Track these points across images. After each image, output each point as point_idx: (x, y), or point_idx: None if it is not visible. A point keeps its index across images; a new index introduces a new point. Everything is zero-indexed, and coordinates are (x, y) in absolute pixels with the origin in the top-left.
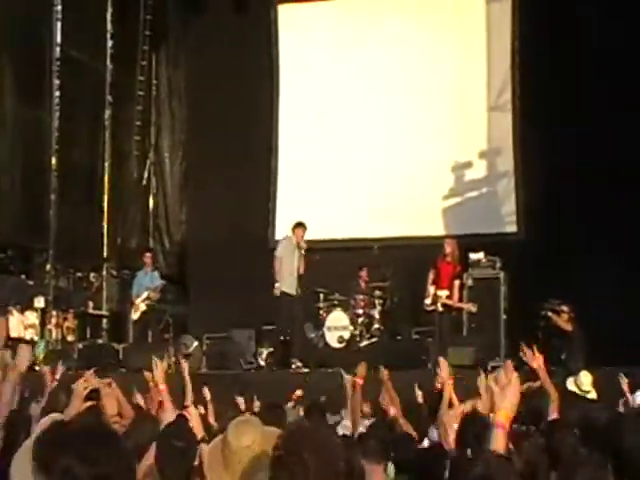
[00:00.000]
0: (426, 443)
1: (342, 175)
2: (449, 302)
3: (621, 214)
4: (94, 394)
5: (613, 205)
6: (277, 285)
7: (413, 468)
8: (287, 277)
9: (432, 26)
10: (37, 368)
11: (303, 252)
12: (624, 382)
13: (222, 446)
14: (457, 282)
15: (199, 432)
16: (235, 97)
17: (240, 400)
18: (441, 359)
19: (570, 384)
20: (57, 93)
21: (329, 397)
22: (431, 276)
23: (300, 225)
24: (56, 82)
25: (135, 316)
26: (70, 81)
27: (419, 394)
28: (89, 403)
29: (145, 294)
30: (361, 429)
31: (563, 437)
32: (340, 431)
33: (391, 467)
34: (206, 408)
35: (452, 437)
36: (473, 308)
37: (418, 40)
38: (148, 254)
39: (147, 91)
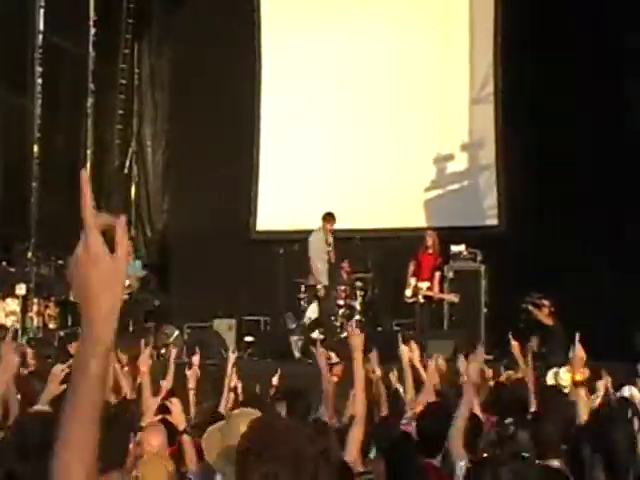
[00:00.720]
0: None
1: (325, 166)
2: (430, 293)
3: (603, 208)
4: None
5: (595, 199)
6: (319, 287)
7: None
8: (323, 271)
9: (415, 19)
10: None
11: (332, 241)
12: (607, 381)
13: (221, 435)
14: (438, 274)
15: (181, 423)
16: (218, 86)
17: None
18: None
19: (550, 378)
20: (39, 81)
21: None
22: (411, 267)
23: (330, 215)
24: (38, 69)
25: None
26: (52, 69)
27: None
28: (64, 386)
29: (126, 283)
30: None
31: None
32: None
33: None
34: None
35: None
36: (455, 298)
37: (401, 33)
38: (129, 242)
39: (130, 80)
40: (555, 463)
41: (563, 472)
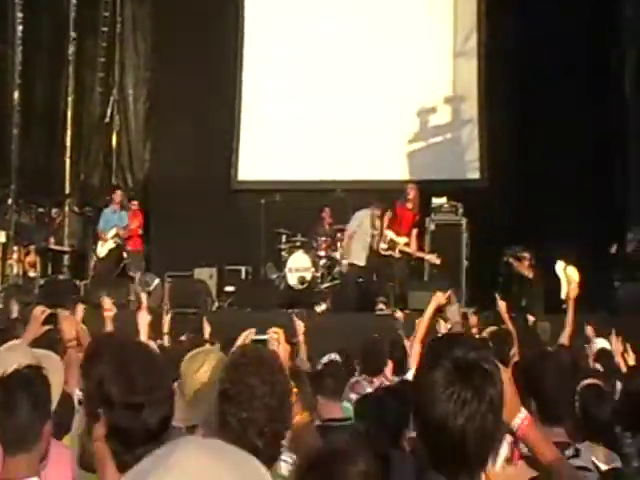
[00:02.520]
0: None
1: (306, 117)
2: (408, 250)
3: (585, 162)
4: (52, 318)
5: (577, 153)
6: (344, 262)
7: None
8: (360, 251)
9: None
10: None
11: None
12: (589, 328)
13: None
14: (415, 231)
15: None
16: (200, 35)
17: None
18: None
19: (559, 268)
20: (20, 27)
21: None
22: (387, 217)
23: (381, 205)
24: (19, 16)
25: (102, 253)
26: (33, 15)
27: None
28: (46, 327)
29: (113, 231)
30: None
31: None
32: None
33: (347, 405)
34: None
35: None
36: (436, 260)
37: None
38: (118, 192)
39: (111, 27)
40: None
41: None
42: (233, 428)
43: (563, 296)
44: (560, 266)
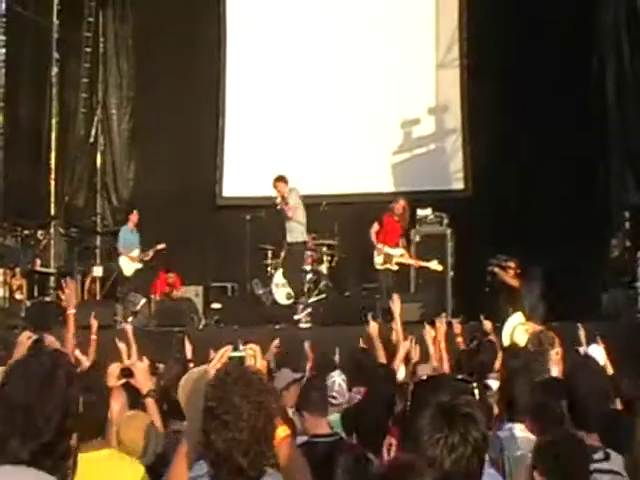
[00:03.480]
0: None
1: (290, 132)
2: (407, 261)
3: (569, 171)
4: (38, 344)
5: (561, 162)
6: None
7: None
8: (299, 227)
9: None
10: None
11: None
12: (582, 333)
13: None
14: (402, 241)
15: (146, 386)
16: (183, 54)
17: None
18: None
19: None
20: (3, 50)
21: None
22: (375, 229)
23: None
24: (2, 38)
25: (129, 272)
26: (16, 37)
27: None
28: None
29: (136, 252)
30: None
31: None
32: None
33: (335, 416)
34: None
35: None
36: (439, 267)
37: None
38: (135, 212)
39: (94, 48)
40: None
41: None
42: (217, 447)
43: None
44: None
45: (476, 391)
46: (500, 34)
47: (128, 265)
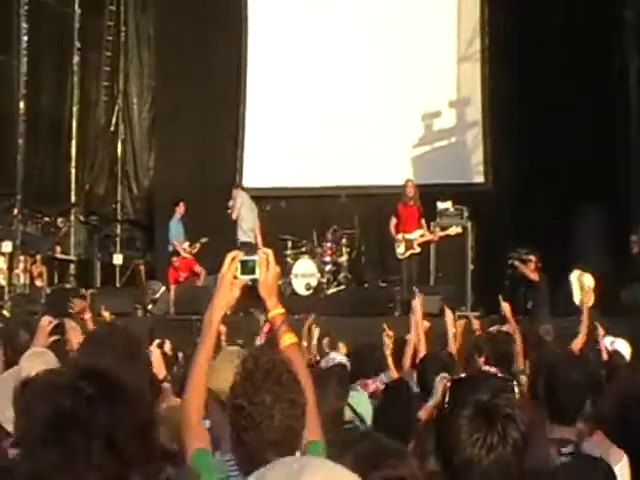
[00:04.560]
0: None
1: (310, 123)
2: (428, 238)
3: (589, 165)
4: (59, 328)
5: (581, 155)
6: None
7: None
8: (247, 230)
9: None
10: None
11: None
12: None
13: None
14: (423, 220)
15: (161, 373)
16: (204, 43)
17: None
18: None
19: (574, 277)
20: (25, 38)
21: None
22: (393, 222)
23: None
24: (24, 27)
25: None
26: (38, 26)
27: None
28: (54, 337)
29: (187, 244)
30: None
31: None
32: None
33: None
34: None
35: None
36: (458, 229)
37: None
38: (182, 204)
39: (115, 37)
40: None
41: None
42: (249, 448)
43: (577, 302)
44: (575, 274)
45: (516, 389)
46: (521, 28)
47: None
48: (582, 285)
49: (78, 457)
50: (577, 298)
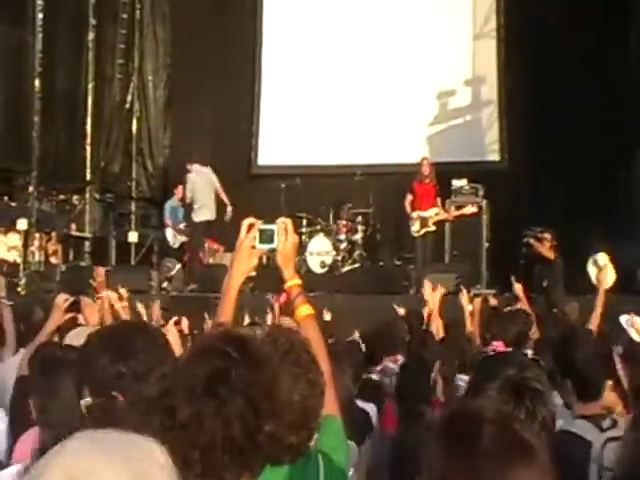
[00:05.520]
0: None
1: (326, 101)
2: (443, 217)
3: (605, 143)
4: (75, 306)
5: (598, 133)
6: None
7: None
8: (207, 206)
9: None
10: None
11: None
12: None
13: None
14: (439, 199)
15: (177, 351)
16: (219, 20)
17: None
18: (426, 280)
19: (590, 265)
20: (40, 15)
21: None
22: (408, 198)
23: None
24: (39, 3)
25: (176, 244)
26: (53, 2)
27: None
28: (70, 315)
29: (182, 225)
30: None
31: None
32: None
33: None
34: None
35: None
36: (474, 209)
37: None
38: (180, 187)
39: (131, 14)
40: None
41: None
42: (268, 429)
43: (594, 281)
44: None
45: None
46: (537, 6)
47: (175, 237)
48: (597, 265)
49: (226, 408)
50: (594, 278)
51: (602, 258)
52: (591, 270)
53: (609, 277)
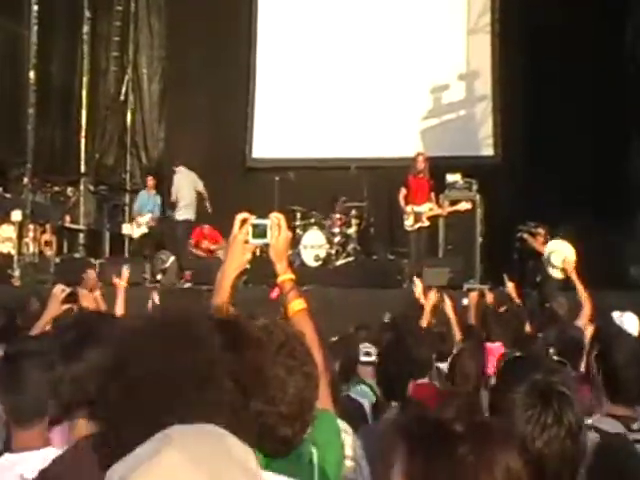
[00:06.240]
0: None
1: (320, 95)
2: (437, 212)
3: (599, 140)
4: (72, 297)
5: (592, 129)
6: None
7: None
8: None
9: None
10: None
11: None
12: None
13: None
14: (433, 194)
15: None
16: (214, 13)
17: None
18: (415, 279)
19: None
20: (35, 7)
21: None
22: (402, 192)
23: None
24: None
25: (135, 234)
26: None
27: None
28: (66, 305)
29: (147, 217)
30: None
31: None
32: None
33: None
34: None
35: None
36: (468, 205)
37: None
38: (150, 177)
39: (126, 6)
40: None
41: None
42: (263, 421)
43: (561, 276)
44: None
45: (572, 374)
46: (531, 1)
47: (133, 229)
48: (553, 264)
49: (218, 388)
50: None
51: (555, 258)
52: (552, 271)
53: (569, 257)
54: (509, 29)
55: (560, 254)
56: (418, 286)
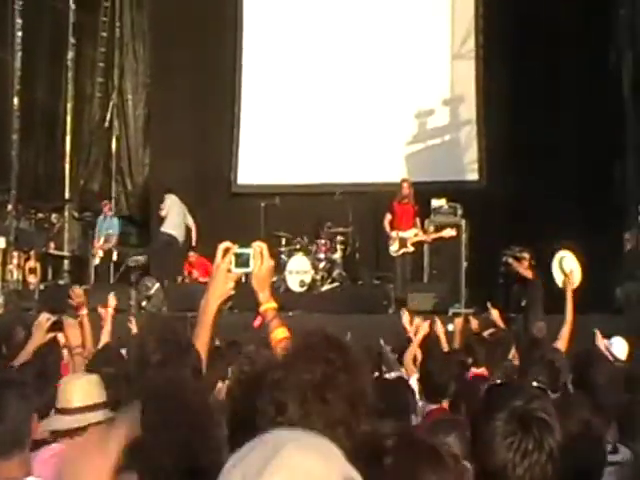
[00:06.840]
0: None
1: (305, 120)
2: (422, 239)
3: (583, 163)
4: (57, 325)
5: (575, 153)
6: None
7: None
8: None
9: None
10: None
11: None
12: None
13: None
14: (418, 220)
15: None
16: (199, 39)
17: None
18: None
19: (555, 266)
20: (19, 33)
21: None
22: (387, 219)
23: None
24: (18, 22)
25: (96, 261)
26: (33, 21)
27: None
28: (51, 334)
29: (102, 240)
30: None
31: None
32: None
33: None
34: None
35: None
36: (452, 232)
37: None
38: (106, 201)
39: (110, 32)
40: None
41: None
42: None
43: (561, 285)
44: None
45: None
46: (516, 26)
47: (96, 256)
48: (563, 268)
49: (332, 412)
50: (559, 281)
51: (567, 263)
52: (556, 273)
53: (575, 278)
54: (493, 54)
55: (571, 264)
56: (405, 315)
